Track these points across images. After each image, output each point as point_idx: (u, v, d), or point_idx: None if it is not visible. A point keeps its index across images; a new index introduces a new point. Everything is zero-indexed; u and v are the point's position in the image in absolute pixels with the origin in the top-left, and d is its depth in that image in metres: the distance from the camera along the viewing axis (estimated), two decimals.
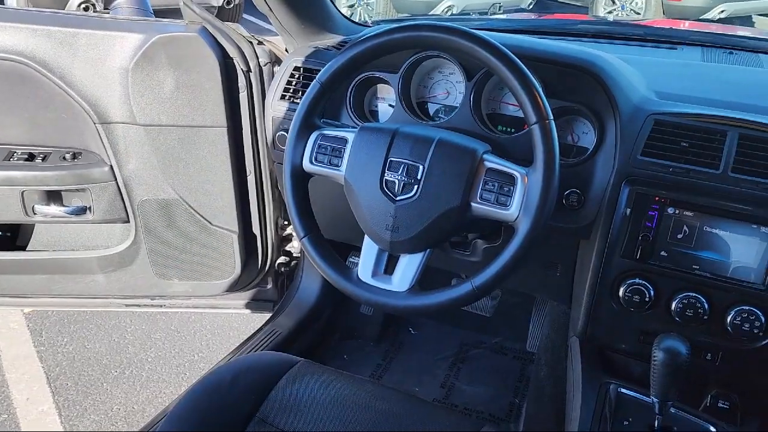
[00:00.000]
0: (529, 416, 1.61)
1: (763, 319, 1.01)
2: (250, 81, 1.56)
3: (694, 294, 1.04)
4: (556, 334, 1.67)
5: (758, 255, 1.02)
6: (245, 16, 6.17)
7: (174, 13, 1.64)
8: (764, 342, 1.01)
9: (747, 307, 1.02)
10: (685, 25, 2.15)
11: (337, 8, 1.51)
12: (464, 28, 0.99)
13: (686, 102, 1.17)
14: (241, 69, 1.53)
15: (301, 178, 1.10)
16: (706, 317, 1.03)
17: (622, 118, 1.11)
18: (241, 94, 1.57)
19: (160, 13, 1.71)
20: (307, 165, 1.09)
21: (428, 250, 1.03)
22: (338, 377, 1.14)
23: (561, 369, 1.57)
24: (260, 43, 1.61)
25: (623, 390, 1.09)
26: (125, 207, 1.66)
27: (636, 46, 1.56)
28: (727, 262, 1.03)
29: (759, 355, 1.02)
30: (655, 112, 1.12)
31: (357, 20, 1.70)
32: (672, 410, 1.00)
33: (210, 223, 1.69)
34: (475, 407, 1.82)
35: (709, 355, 1.06)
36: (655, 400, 0.97)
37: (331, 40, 1.46)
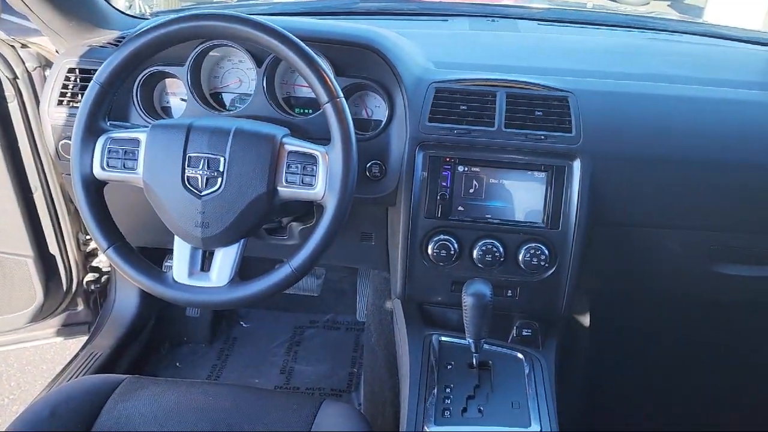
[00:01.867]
0: (367, 382, 1.69)
1: (547, 252, 1.15)
2: (18, 89, 1.41)
3: (490, 240, 1.16)
4: (380, 300, 1.76)
5: (537, 197, 1.16)
6: (3, 16, 5.50)
7: None
8: (550, 272, 1.16)
9: (534, 244, 1.15)
10: None
11: (109, 2, 1.41)
12: (244, 15, 0.99)
13: (461, 69, 1.28)
14: (6, 77, 1.38)
15: (94, 187, 1.03)
16: (502, 259, 1.16)
17: (408, 89, 1.19)
18: (10, 105, 1.41)
19: None
20: (98, 172, 1.02)
21: (243, 240, 1.02)
22: (171, 386, 1.10)
23: (389, 331, 1.67)
24: (24, 45, 1.46)
25: (443, 338, 1.19)
26: None
27: (412, 21, 1.66)
28: (513, 208, 1.16)
29: (547, 284, 1.17)
30: (435, 80, 1.21)
31: (135, 13, 1.60)
32: (486, 346, 1.12)
33: None
34: (317, 385, 1.87)
35: (509, 291, 1.19)
36: (471, 340, 1.07)
37: (106, 36, 1.37)
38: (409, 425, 1.04)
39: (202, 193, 0.98)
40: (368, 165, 1.19)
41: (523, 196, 1.16)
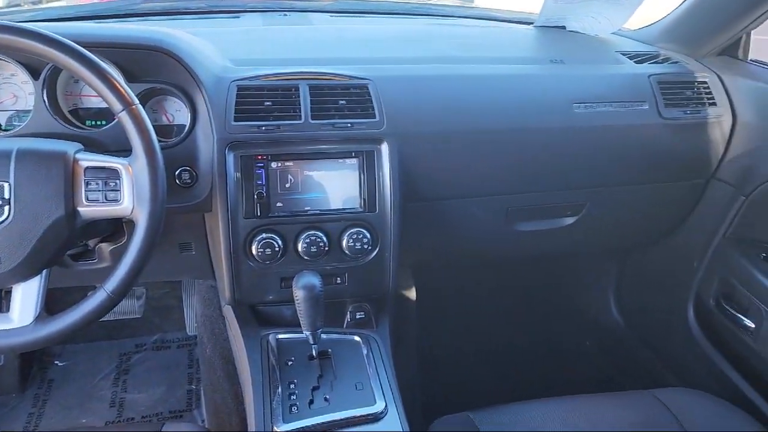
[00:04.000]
0: (208, 395, 1.63)
1: (368, 235, 1.19)
2: None
3: (313, 232, 1.17)
4: (210, 310, 1.70)
5: (352, 184, 1.19)
6: None
7: None
8: (374, 254, 1.21)
9: (355, 229, 1.19)
10: None
11: None
12: (11, 23, 0.89)
13: (260, 65, 1.27)
14: None
15: None
16: (327, 248, 1.18)
17: (208, 90, 1.15)
18: None
19: None
20: None
21: (45, 271, 0.93)
22: None
23: (224, 340, 1.62)
24: None
25: (280, 335, 1.18)
26: None
27: (201, 19, 1.61)
28: (331, 197, 1.18)
29: (373, 265, 1.22)
30: (235, 78, 1.19)
31: None
32: (323, 336, 1.14)
33: None
34: (154, 411, 1.76)
35: (338, 279, 1.22)
36: (308, 332, 1.08)
37: None
38: (257, 429, 1.03)
39: None
40: (177, 172, 1.14)
41: (338, 184, 1.19)
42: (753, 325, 1.35)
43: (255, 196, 1.14)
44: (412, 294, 1.70)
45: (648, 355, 1.89)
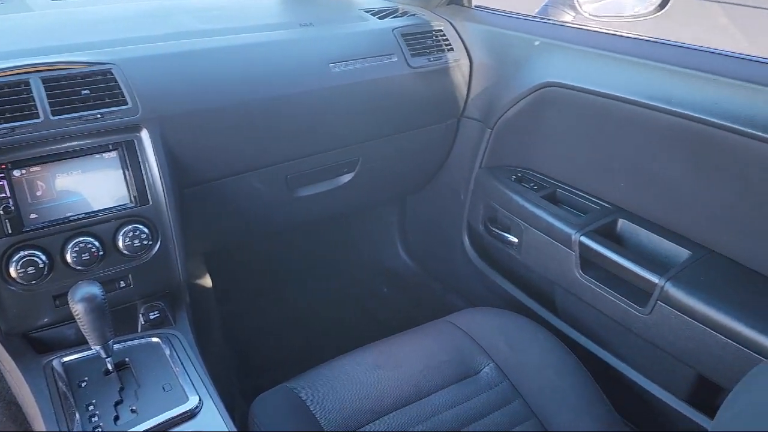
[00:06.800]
0: None
1: (146, 230, 1.12)
2: None
3: (81, 238, 1.06)
4: None
5: (116, 179, 1.10)
6: None
7: None
8: (156, 248, 1.14)
9: (130, 227, 1.10)
10: None
11: None
12: None
13: None
14: None
15: None
16: (101, 253, 1.08)
17: None
18: None
19: None
20: None
21: None
22: None
23: None
24: None
25: (66, 358, 1.06)
26: None
27: None
28: (95, 197, 1.08)
29: (158, 260, 1.14)
30: None
31: None
32: (117, 346, 1.05)
33: None
34: None
35: (122, 282, 1.13)
36: (97, 347, 0.99)
37: None
38: None
39: None
40: None
41: (101, 182, 1.09)
42: (516, 240, 1.53)
43: (1, 212, 1.00)
44: (207, 281, 1.64)
45: (438, 287, 2.06)
